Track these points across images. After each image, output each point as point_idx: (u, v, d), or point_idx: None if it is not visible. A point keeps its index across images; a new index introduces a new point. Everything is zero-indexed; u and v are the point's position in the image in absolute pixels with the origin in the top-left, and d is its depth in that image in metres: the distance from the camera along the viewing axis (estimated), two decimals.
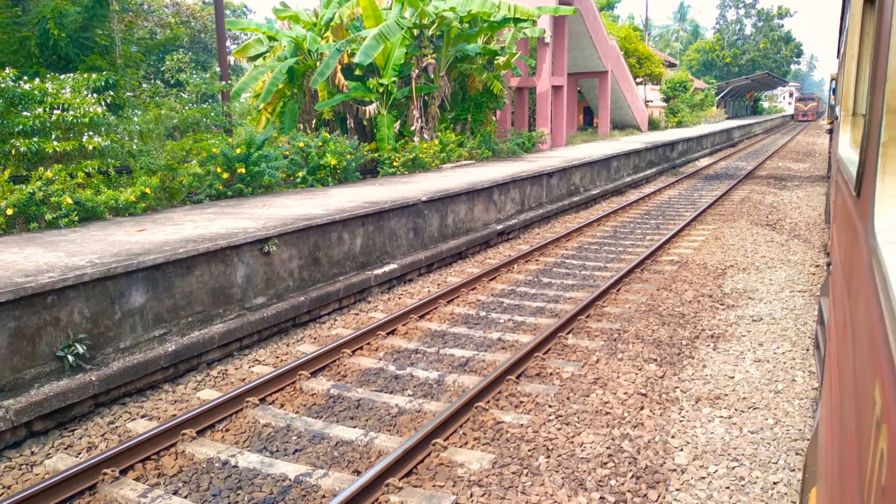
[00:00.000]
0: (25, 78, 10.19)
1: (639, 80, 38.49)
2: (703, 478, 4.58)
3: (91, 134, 9.89)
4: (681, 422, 5.40)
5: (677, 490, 4.45)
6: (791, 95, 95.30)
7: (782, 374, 6.24)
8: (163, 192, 10.27)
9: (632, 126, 34.88)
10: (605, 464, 4.78)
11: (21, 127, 9.26)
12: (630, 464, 4.76)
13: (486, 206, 12.82)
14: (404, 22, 16.24)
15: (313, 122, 18.57)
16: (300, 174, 12.80)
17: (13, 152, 9.20)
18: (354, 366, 6.81)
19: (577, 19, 25.30)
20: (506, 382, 6.15)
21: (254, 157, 11.48)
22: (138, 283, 6.37)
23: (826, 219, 12.12)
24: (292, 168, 12.86)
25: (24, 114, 9.42)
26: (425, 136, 17.73)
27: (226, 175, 11.11)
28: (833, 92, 12.13)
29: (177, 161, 10.89)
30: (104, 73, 11.66)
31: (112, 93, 11.47)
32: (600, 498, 4.37)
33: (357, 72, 17.11)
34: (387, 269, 9.65)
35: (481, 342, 7.41)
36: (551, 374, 6.42)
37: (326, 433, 5.39)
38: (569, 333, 7.50)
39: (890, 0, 1.37)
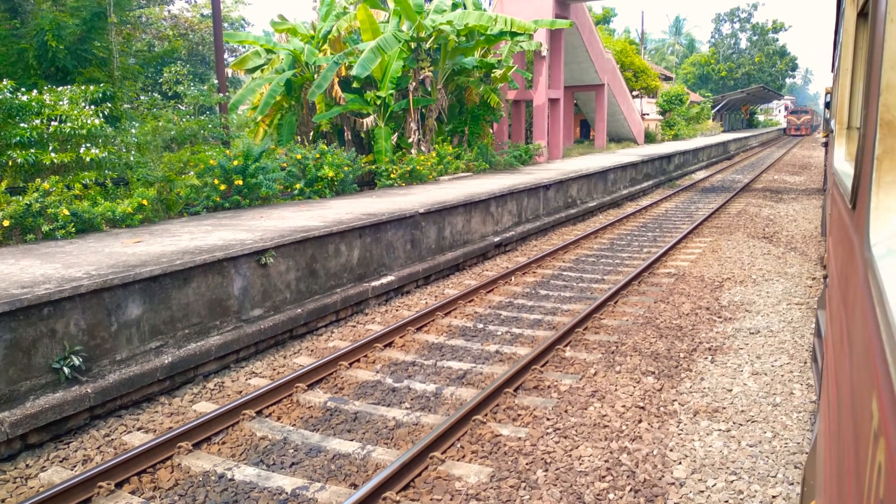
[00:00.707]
0: (23, 89, 10.21)
1: (635, 93, 38.71)
2: (702, 491, 4.57)
3: (88, 145, 9.90)
4: (679, 435, 5.39)
5: None
6: (786, 108, 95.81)
7: (780, 387, 6.23)
8: (160, 203, 10.28)
9: (628, 139, 35.03)
10: (604, 477, 4.76)
11: (18, 138, 9.27)
12: (628, 477, 4.74)
13: (484, 218, 12.84)
14: (402, 35, 16.34)
15: (311, 134, 18.63)
16: (297, 186, 12.83)
17: (10, 164, 9.20)
18: (351, 378, 6.79)
19: (573, 33, 25.48)
20: (503, 395, 6.14)
21: (251, 168, 11.50)
22: (135, 295, 6.36)
23: (822, 231, 12.15)
24: (290, 180, 12.88)
25: (22, 125, 9.43)
26: (422, 148, 17.78)
27: (223, 187, 11.12)
28: (828, 105, 12.20)
29: (174, 173, 10.90)
30: (102, 84, 11.69)
31: (110, 105, 11.50)
32: None
33: (355, 84, 17.19)
34: (384, 281, 9.64)
35: (479, 355, 7.40)
36: (549, 387, 6.40)
37: (323, 446, 5.36)
38: (567, 346, 7.49)
39: (882, 14, 1.39)
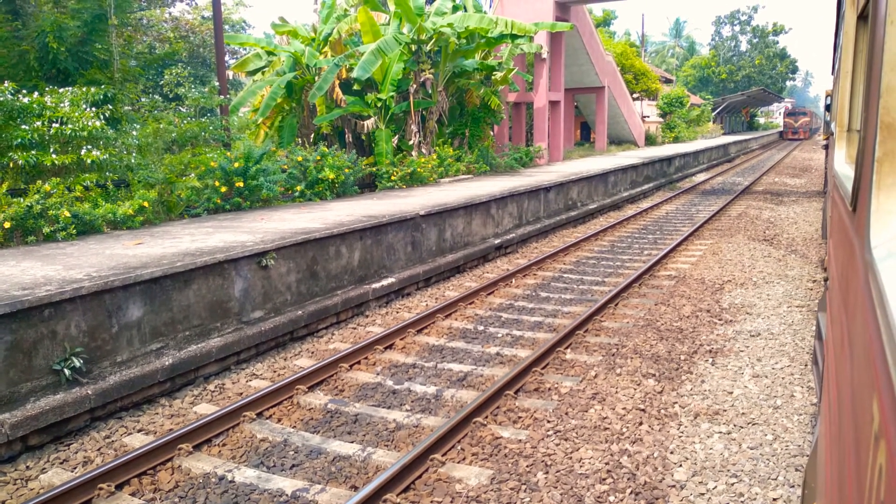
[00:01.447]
0: (24, 91, 10.22)
1: (635, 95, 38.74)
2: (703, 494, 4.56)
3: (89, 147, 9.91)
4: (680, 437, 5.39)
5: None
6: (784, 110, 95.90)
7: (781, 390, 6.23)
8: (161, 205, 10.28)
9: (629, 141, 35.05)
10: (604, 479, 4.75)
11: (19, 140, 9.28)
12: (629, 479, 4.74)
13: (484, 220, 12.84)
14: (402, 37, 16.36)
15: (311, 136, 18.64)
16: (298, 188, 12.83)
17: (11, 165, 9.21)
18: (352, 380, 6.79)
19: (573, 35, 25.51)
20: (504, 397, 6.13)
21: (252, 171, 11.51)
22: (136, 297, 6.36)
23: (823, 234, 12.15)
24: (290, 182, 12.89)
25: (23, 127, 9.44)
26: (423, 150, 17.79)
27: (224, 189, 11.13)
28: (828, 108, 12.20)
29: (175, 175, 10.90)
30: (103, 86, 11.70)
31: (110, 106, 11.52)
32: None
33: (355, 87, 17.20)
34: (385, 283, 9.65)
35: (479, 357, 7.40)
36: (550, 389, 6.40)
37: (324, 448, 5.36)
38: (567, 348, 7.49)
39: (882, 17, 1.39)
